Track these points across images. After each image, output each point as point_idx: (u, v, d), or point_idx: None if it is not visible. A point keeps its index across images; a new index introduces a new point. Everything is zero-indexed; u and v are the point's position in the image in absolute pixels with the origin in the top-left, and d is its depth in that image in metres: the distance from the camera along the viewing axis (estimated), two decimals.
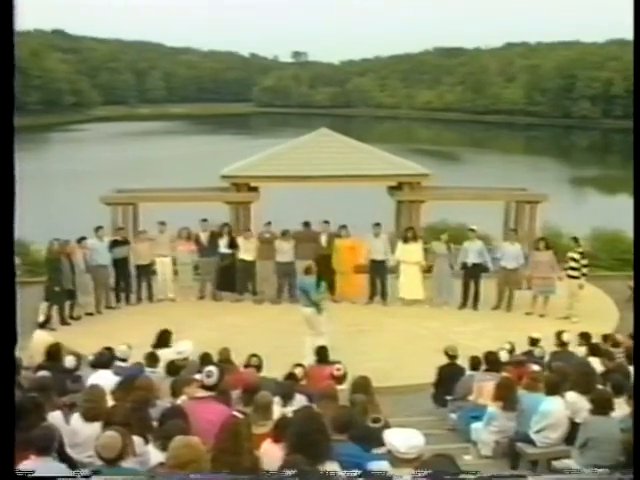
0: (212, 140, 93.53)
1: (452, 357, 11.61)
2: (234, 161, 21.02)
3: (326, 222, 18.84)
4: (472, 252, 17.95)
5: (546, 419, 8.76)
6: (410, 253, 18.10)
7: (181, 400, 8.28)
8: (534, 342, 12.49)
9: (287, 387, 8.98)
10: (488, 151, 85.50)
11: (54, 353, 10.62)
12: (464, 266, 18.06)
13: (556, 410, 8.73)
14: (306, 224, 18.96)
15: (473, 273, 18.06)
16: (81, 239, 17.25)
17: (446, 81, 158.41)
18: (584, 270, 17.29)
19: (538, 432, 8.82)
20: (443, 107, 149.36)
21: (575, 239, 17.80)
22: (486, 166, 65.24)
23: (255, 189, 19.83)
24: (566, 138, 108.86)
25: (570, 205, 40.14)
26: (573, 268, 17.26)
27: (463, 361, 11.44)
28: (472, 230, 18.36)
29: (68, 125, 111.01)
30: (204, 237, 18.59)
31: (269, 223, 18.87)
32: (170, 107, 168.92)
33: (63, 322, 16.57)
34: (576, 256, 17.28)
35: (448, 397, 11.08)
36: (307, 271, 14.52)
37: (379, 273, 18.45)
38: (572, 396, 8.77)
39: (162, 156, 69.52)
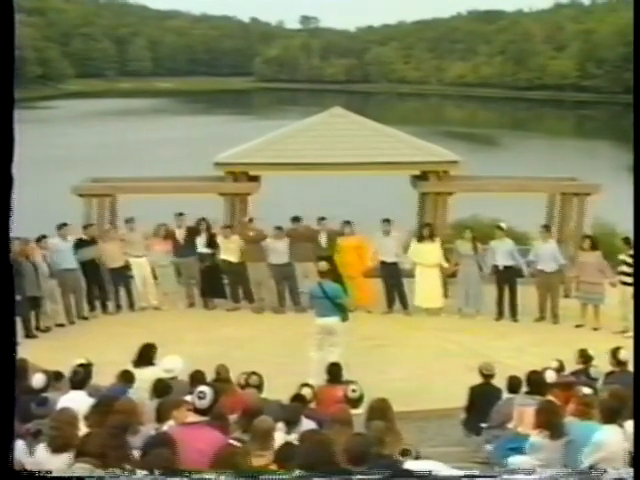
0: (205, 121, 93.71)
1: (488, 376, 11.54)
2: (231, 146, 21.05)
3: (322, 219, 18.83)
4: (501, 253, 17.92)
5: (600, 451, 8.71)
6: (426, 254, 18.13)
7: (168, 426, 8.30)
8: (586, 359, 12.38)
9: (293, 411, 8.99)
10: (532, 134, 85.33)
11: (20, 372, 10.52)
12: (495, 270, 18.07)
13: (613, 441, 8.67)
14: (296, 219, 18.94)
15: (507, 277, 18.02)
16: (40, 238, 17.10)
17: (482, 51, 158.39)
18: None
19: (590, 467, 8.79)
20: (478, 82, 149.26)
21: (627, 240, 17.67)
22: (529, 152, 65.18)
23: (255, 179, 19.85)
24: (626, 118, 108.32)
25: (629, 198, 40.01)
26: (626, 273, 17.18)
27: (500, 382, 11.40)
28: (500, 228, 18.31)
29: (34, 101, 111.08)
30: (180, 234, 18.61)
31: (251, 220, 18.91)
32: (156, 81, 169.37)
33: (28, 334, 16.39)
34: (628, 260, 17.18)
35: (482, 424, 11.04)
36: (324, 274, 14.54)
37: (392, 277, 18.47)
38: (632, 426, 8.74)
39: (146, 139, 69.66)
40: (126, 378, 10.59)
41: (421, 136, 22.08)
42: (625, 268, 17.11)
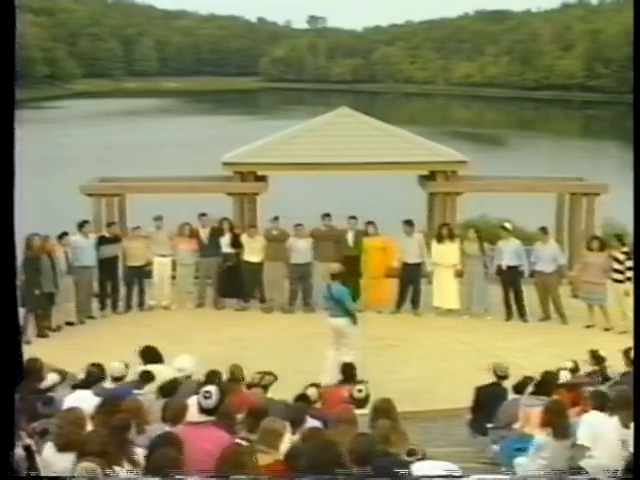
0: (212, 121, 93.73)
1: (501, 378, 11.49)
2: (238, 146, 21.09)
3: (353, 218, 18.76)
4: (507, 253, 17.88)
5: (591, 435, 8.70)
6: (445, 254, 18.08)
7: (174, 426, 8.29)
8: (599, 360, 12.32)
9: (297, 411, 8.98)
10: (539, 134, 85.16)
11: (31, 371, 10.45)
12: (499, 269, 18.06)
13: (602, 426, 8.66)
14: (327, 215, 18.89)
15: (509, 277, 17.99)
16: (62, 235, 17.22)
17: (489, 51, 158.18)
18: (629, 274, 17.01)
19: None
20: (485, 82, 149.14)
21: (619, 237, 17.63)
22: (536, 152, 65.01)
23: (263, 178, 19.86)
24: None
25: None
26: (617, 270, 17.13)
27: (510, 382, 11.35)
28: (504, 228, 18.30)
29: (41, 101, 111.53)
30: (204, 234, 18.62)
31: (276, 218, 18.88)
32: (163, 81, 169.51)
33: (40, 334, 16.48)
34: (620, 257, 17.12)
35: (488, 425, 11.03)
36: (336, 276, 14.50)
37: (413, 278, 18.42)
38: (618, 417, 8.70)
39: (153, 139, 69.70)
40: (147, 378, 10.58)
41: (428, 136, 22.11)
42: (616, 265, 17.07)
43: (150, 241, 18.52)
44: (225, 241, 18.48)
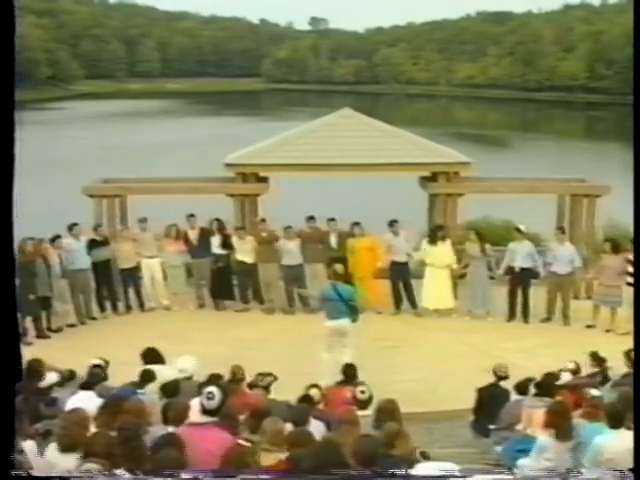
0: (214, 122, 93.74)
1: (501, 378, 11.49)
2: (240, 147, 21.07)
3: (332, 220, 18.81)
4: (520, 255, 17.80)
5: (598, 455, 8.65)
6: (439, 255, 18.08)
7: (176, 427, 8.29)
8: (599, 361, 12.30)
9: (300, 412, 8.98)
10: (541, 135, 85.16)
11: (33, 372, 10.46)
12: (511, 271, 18.01)
13: (613, 446, 8.59)
14: (311, 218, 18.91)
15: (522, 279, 17.94)
16: (55, 238, 17.19)
17: (491, 52, 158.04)
18: None
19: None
20: (487, 83, 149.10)
21: (632, 240, 17.60)
22: (539, 153, 65.02)
23: (264, 180, 19.87)
24: None
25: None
26: (631, 274, 17.09)
27: (513, 383, 11.34)
28: (519, 230, 18.24)
29: (44, 103, 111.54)
30: (193, 235, 18.63)
31: (263, 220, 18.94)
32: (165, 82, 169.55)
33: (40, 335, 16.51)
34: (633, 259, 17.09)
35: (491, 426, 11.02)
36: (340, 276, 14.50)
37: (402, 277, 18.47)
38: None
39: (155, 141, 69.73)
40: (148, 377, 10.59)
41: (430, 137, 22.05)
42: (630, 268, 17.03)
43: (137, 243, 18.53)
44: (215, 242, 18.50)
